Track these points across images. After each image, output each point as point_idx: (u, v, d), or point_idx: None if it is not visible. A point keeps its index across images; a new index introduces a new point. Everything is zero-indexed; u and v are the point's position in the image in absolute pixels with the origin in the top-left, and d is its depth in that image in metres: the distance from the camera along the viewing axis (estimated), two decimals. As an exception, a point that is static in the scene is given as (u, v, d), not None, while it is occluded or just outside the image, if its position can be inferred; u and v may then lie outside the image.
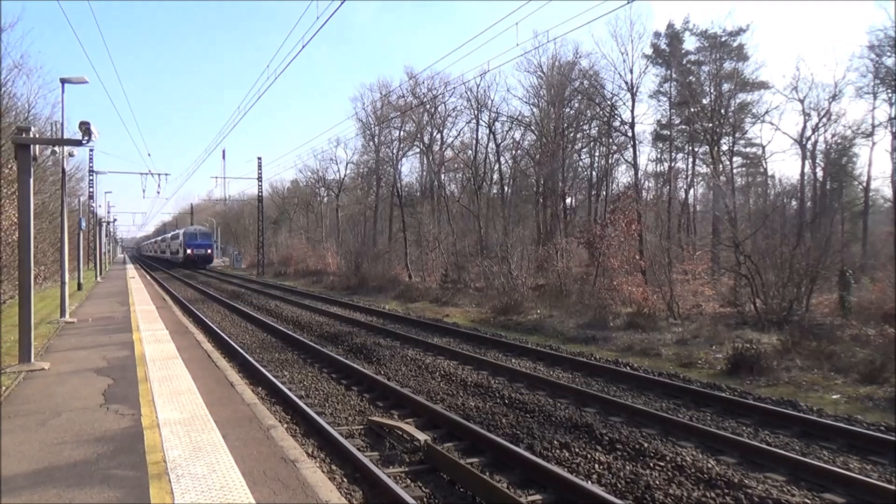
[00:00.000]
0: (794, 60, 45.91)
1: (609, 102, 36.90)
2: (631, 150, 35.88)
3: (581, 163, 43.22)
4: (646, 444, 7.25)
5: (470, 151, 44.78)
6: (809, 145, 36.80)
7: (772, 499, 5.75)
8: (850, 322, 15.63)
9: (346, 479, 6.31)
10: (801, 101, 35.97)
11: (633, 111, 34.24)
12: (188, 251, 59.98)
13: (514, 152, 43.67)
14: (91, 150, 41.70)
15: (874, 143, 34.36)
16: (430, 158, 45.80)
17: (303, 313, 21.79)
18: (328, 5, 27.16)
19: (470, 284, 28.37)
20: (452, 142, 46.69)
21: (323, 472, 5.90)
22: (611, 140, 39.22)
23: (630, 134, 34.97)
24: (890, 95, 32.30)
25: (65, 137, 16.05)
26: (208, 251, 62.14)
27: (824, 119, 35.63)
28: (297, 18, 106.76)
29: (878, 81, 32.57)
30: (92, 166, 43.20)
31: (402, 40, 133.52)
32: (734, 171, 39.99)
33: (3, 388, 8.77)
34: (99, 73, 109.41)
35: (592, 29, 47.94)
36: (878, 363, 10.84)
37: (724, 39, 38.98)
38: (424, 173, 49.21)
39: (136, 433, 6.55)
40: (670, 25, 41.04)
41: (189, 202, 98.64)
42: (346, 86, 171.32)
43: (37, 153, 11.00)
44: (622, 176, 42.19)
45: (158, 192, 53.63)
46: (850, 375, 10.85)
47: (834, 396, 9.93)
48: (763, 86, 38.31)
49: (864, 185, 36.05)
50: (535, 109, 41.20)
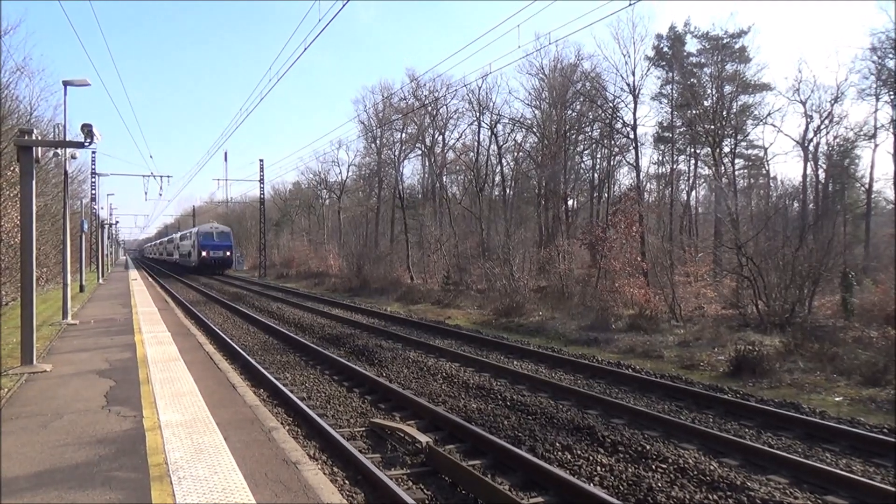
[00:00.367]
0: (796, 62, 45.90)
1: (611, 104, 36.89)
2: (633, 152, 35.87)
3: (583, 165, 43.28)
4: (648, 447, 7.23)
5: (472, 153, 44.79)
6: (811, 147, 36.78)
7: (774, 501, 5.74)
8: (853, 324, 15.61)
9: (347, 482, 6.31)
10: (804, 103, 35.96)
11: (634, 113, 34.23)
12: (203, 253, 52.07)
13: (515, 154, 43.70)
14: (93, 152, 41.77)
15: (876, 145, 34.32)
16: (432, 160, 45.84)
17: (304, 315, 21.80)
18: (330, 6, 27.27)
19: (472, 286, 28.37)
20: (454, 144, 46.75)
21: (324, 474, 5.90)
22: (613, 142, 39.23)
23: (632, 136, 34.94)
24: (892, 97, 32.31)
25: (67, 139, 16.09)
26: (227, 253, 53.35)
27: (826, 121, 35.60)
28: (299, 20, 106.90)
29: (881, 83, 32.56)
30: (94, 168, 43.27)
31: (403, 42, 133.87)
32: (736, 172, 39.95)
33: (6, 389, 8.79)
34: (101, 76, 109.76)
35: (594, 31, 48.51)
36: (880, 365, 10.82)
37: (725, 41, 38.99)
38: (426, 175, 49.29)
39: (137, 435, 6.56)
40: (672, 28, 41.06)
41: (191, 204, 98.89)
42: (347, 88, 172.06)
43: (39, 155, 11.03)
44: (624, 178, 42.25)
45: (160, 194, 53.30)
46: (852, 377, 10.83)
47: (836, 398, 9.90)
48: (765, 88, 38.30)
49: (867, 187, 36.01)
50: (536, 111, 41.23)
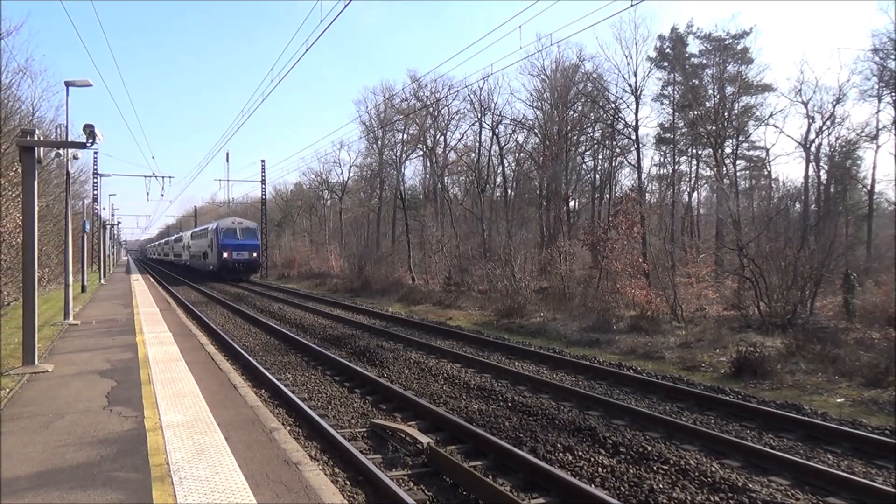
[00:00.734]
0: (798, 63, 46.06)
1: (613, 105, 36.90)
2: (634, 152, 35.88)
3: (584, 166, 43.30)
4: (649, 448, 7.23)
5: (473, 154, 44.82)
6: (813, 148, 36.75)
7: (776, 502, 5.73)
8: (855, 325, 15.61)
9: (348, 482, 6.31)
10: (805, 104, 35.94)
11: (636, 114, 34.24)
12: (224, 255, 42.49)
13: (517, 155, 43.71)
14: (95, 152, 41.98)
15: (878, 147, 34.28)
16: (434, 161, 45.85)
17: (306, 316, 21.81)
18: (332, 7, 27.29)
19: (473, 287, 28.37)
20: (455, 145, 46.77)
21: (326, 474, 5.90)
22: (614, 143, 39.25)
23: (633, 137, 34.97)
24: (894, 98, 32.26)
25: (69, 140, 16.11)
26: (254, 255, 43.89)
27: (828, 122, 35.59)
28: (300, 22, 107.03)
29: (882, 84, 32.53)
30: (96, 169, 43.48)
31: (405, 43, 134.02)
32: (738, 173, 39.91)
33: (7, 390, 8.80)
34: (103, 77, 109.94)
35: (597, 32, 48.44)
36: (882, 366, 10.80)
37: (728, 42, 38.98)
38: (427, 176, 49.29)
39: (139, 435, 6.56)
40: (674, 29, 41.07)
41: (193, 205, 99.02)
42: (349, 89, 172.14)
43: (41, 156, 11.04)
44: (625, 179, 42.25)
45: (162, 195, 53.69)
46: (854, 379, 10.81)
47: (838, 400, 9.89)
48: (767, 89, 38.30)
49: (869, 188, 35.97)
50: (538, 112, 41.24)
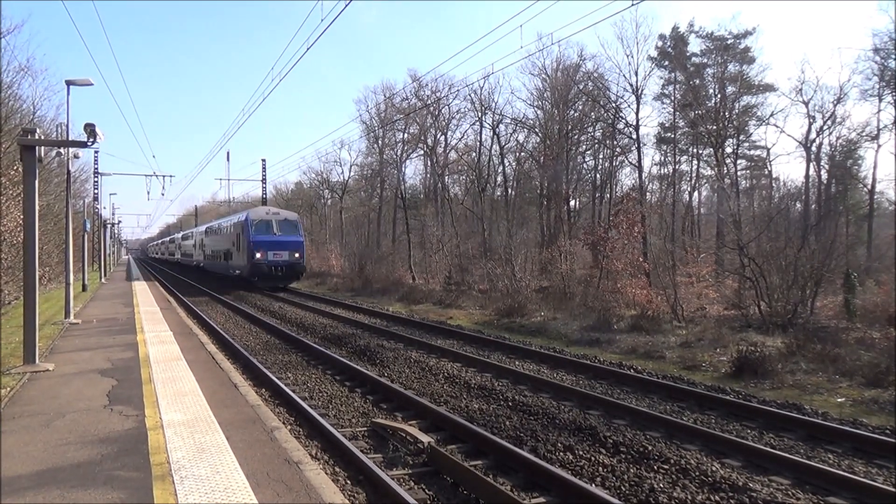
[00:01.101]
0: (799, 63, 46.10)
1: (613, 105, 36.91)
2: (635, 152, 35.89)
3: (585, 165, 43.31)
4: (650, 447, 7.23)
5: (474, 154, 44.84)
6: (814, 148, 36.77)
7: (776, 502, 5.73)
8: (855, 325, 15.61)
9: (349, 481, 6.31)
10: (806, 104, 35.96)
11: (637, 113, 34.26)
12: (257, 255, 31.81)
13: (517, 154, 43.73)
14: (96, 151, 41.97)
15: (879, 146, 34.30)
16: (434, 161, 45.85)
17: (306, 315, 21.81)
18: (333, 7, 27.29)
19: (473, 287, 28.37)
20: (456, 144, 46.78)
21: (326, 473, 5.90)
22: (615, 142, 39.24)
23: (634, 136, 34.98)
24: (894, 98, 32.26)
25: (70, 139, 16.11)
26: (296, 255, 33.38)
27: (829, 122, 35.61)
28: (301, 21, 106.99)
29: (883, 84, 32.54)
30: (97, 168, 43.46)
31: (405, 43, 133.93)
32: (738, 173, 39.95)
33: (8, 389, 8.81)
34: (104, 76, 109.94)
35: (598, 31, 48.41)
36: (882, 366, 10.80)
37: (730, 42, 38.97)
38: (428, 175, 49.31)
39: (139, 434, 6.57)
40: (675, 28, 41.07)
41: (193, 204, 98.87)
42: (350, 88, 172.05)
43: (42, 155, 11.06)
44: (626, 178, 42.27)
45: (163, 194, 53.70)
46: (854, 378, 10.81)
47: (839, 399, 9.89)
48: (768, 88, 38.31)
49: (869, 187, 35.97)
50: (538, 112, 41.26)
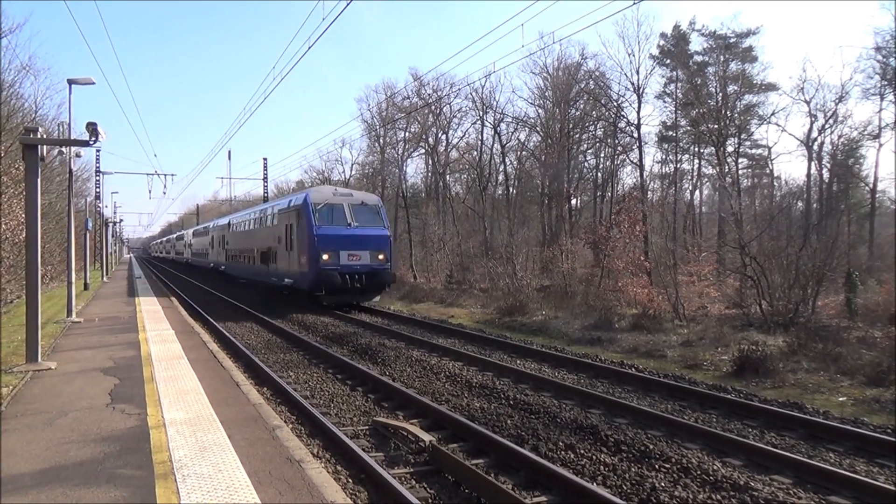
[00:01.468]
0: (801, 62, 45.96)
1: (615, 103, 36.89)
2: (636, 151, 35.88)
3: (586, 164, 43.30)
4: (651, 446, 7.23)
5: (475, 152, 44.83)
6: (816, 147, 36.74)
7: (778, 501, 5.73)
8: (857, 324, 15.59)
9: (351, 480, 6.32)
10: (808, 103, 35.93)
11: (638, 112, 34.27)
12: (323, 256, 21.92)
13: (519, 153, 43.74)
14: (98, 150, 41.94)
15: (881, 145, 34.28)
16: (435, 159, 45.85)
17: (308, 314, 21.81)
18: (334, 6, 27.23)
19: (475, 285, 28.38)
20: (457, 143, 46.77)
21: (328, 472, 5.92)
22: (616, 141, 39.22)
23: (635, 135, 34.96)
24: (897, 97, 32.21)
25: (72, 138, 16.12)
26: (381, 257, 23.31)
27: (831, 120, 35.57)
28: (303, 20, 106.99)
29: (885, 83, 32.49)
30: (98, 167, 43.42)
31: (407, 41, 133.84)
32: (740, 172, 39.92)
33: (11, 387, 8.83)
34: (106, 75, 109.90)
35: (599, 30, 48.27)
36: (884, 365, 10.79)
37: (732, 41, 38.92)
38: (429, 174, 49.31)
39: (142, 433, 6.58)
40: (677, 26, 41.02)
41: (195, 203, 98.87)
42: (351, 87, 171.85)
43: (44, 153, 11.09)
44: (627, 177, 42.25)
45: (164, 193, 53.57)
46: (856, 377, 10.81)
47: (840, 399, 9.88)
48: (770, 87, 38.28)
49: (871, 186, 35.93)
50: (540, 111, 41.25)
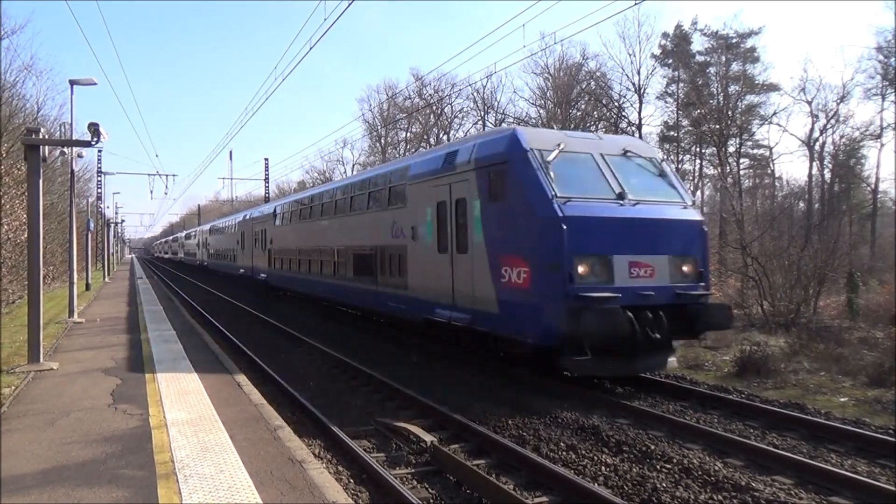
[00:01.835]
0: (802, 62, 45.94)
1: (616, 104, 36.86)
2: (638, 151, 35.78)
3: (587, 164, 43.18)
4: (652, 447, 7.22)
5: (476, 153, 44.73)
6: (817, 147, 36.71)
7: (779, 501, 5.73)
8: (858, 325, 15.59)
9: (352, 480, 6.33)
10: (809, 103, 35.92)
11: (640, 112, 34.26)
12: (579, 270, 8.83)
13: (520, 154, 43.61)
14: (99, 150, 41.98)
15: (882, 145, 34.28)
16: (437, 160, 45.79)
17: (308, 315, 21.82)
18: (336, 6, 27.29)
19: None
20: (459, 143, 46.70)
21: (330, 472, 5.93)
22: (617, 141, 39.15)
23: (637, 135, 34.91)
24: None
25: (74, 138, 16.15)
26: (688, 267, 9.77)
27: (832, 120, 35.55)
28: (304, 20, 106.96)
29: (887, 83, 32.47)
30: (100, 167, 43.46)
31: (408, 42, 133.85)
32: (741, 172, 39.87)
33: (13, 387, 8.84)
34: (108, 75, 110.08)
35: (600, 30, 48.17)
36: (886, 366, 10.78)
37: (734, 41, 38.91)
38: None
39: (144, 433, 6.60)
40: (679, 26, 41.00)
41: (196, 203, 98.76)
42: (352, 87, 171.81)
43: (46, 154, 11.09)
44: (629, 177, 42.13)
45: (166, 193, 53.43)
46: (858, 378, 10.80)
47: (842, 399, 9.87)
48: (771, 87, 38.25)
49: (872, 186, 35.91)
50: (541, 111, 41.19)
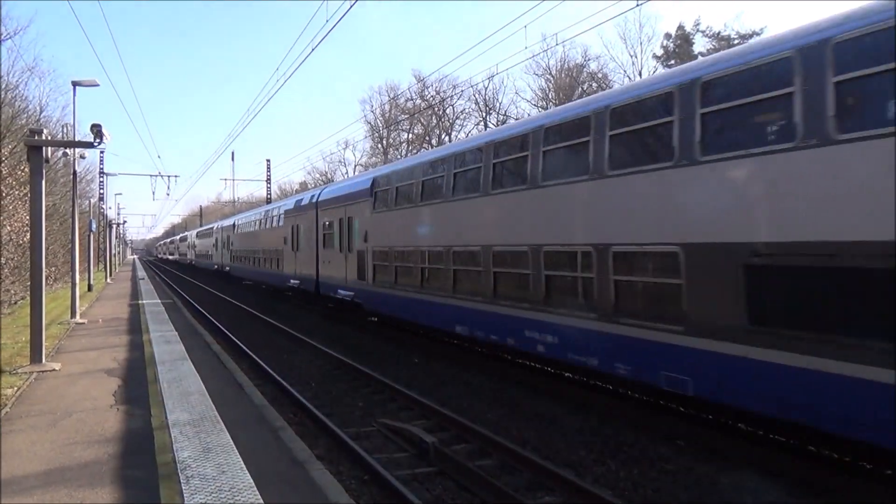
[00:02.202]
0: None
1: (617, 105, 36.86)
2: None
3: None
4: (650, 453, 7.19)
5: (478, 154, 44.78)
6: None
7: None
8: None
9: (354, 481, 6.32)
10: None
11: (641, 113, 34.19)
12: None
13: (522, 155, 43.67)
14: (102, 151, 41.90)
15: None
16: (438, 161, 45.83)
17: (310, 316, 21.81)
18: (338, 7, 27.31)
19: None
20: (460, 144, 46.75)
21: (331, 473, 5.91)
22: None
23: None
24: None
25: (76, 140, 16.18)
26: None
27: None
28: (306, 21, 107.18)
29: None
30: (102, 168, 43.43)
31: (410, 43, 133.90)
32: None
33: (15, 388, 8.85)
34: (110, 76, 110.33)
35: (602, 31, 48.14)
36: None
37: (736, 42, 38.84)
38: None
39: (146, 434, 6.59)
40: (681, 27, 40.96)
41: (198, 204, 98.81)
42: (354, 88, 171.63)
43: (49, 155, 11.11)
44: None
45: (168, 194, 52.99)
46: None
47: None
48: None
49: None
50: (543, 112, 41.26)
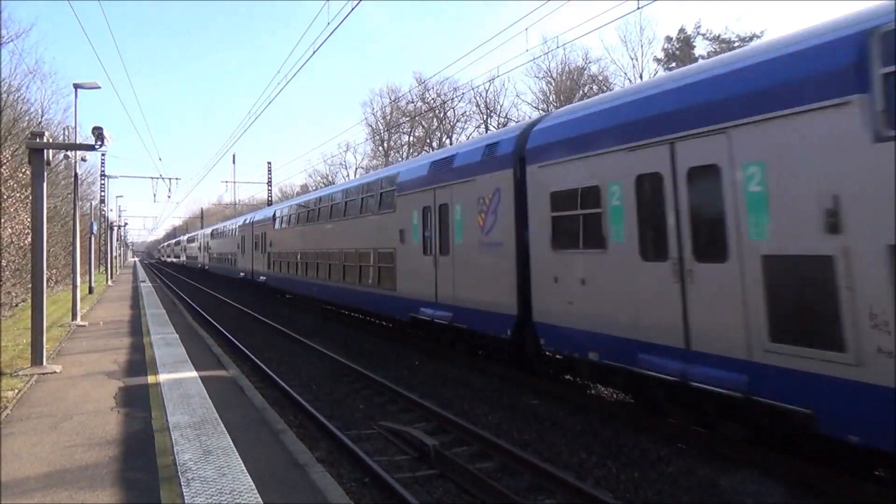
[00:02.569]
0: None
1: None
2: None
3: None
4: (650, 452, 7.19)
5: (479, 156, 44.82)
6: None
7: None
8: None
9: (355, 484, 6.31)
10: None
11: (642, 115, 34.23)
12: None
13: (522, 157, 43.71)
14: (103, 154, 42.00)
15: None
16: (439, 163, 45.87)
17: (311, 317, 21.84)
18: (340, 7, 27.42)
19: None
20: (461, 146, 46.80)
21: (332, 476, 5.90)
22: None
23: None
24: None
25: (78, 142, 16.20)
26: None
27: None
28: (308, 24, 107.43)
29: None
30: (103, 170, 43.53)
31: (411, 45, 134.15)
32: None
33: (16, 391, 8.86)
34: (111, 78, 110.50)
35: (602, 34, 48.19)
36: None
37: (736, 45, 38.89)
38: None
39: (146, 436, 6.59)
40: (682, 29, 41.00)
41: (199, 206, 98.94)
42: (356, 90, 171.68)
43: (50, 158, 11.13)
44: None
45: (169, 197, 53.07)
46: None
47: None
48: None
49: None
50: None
